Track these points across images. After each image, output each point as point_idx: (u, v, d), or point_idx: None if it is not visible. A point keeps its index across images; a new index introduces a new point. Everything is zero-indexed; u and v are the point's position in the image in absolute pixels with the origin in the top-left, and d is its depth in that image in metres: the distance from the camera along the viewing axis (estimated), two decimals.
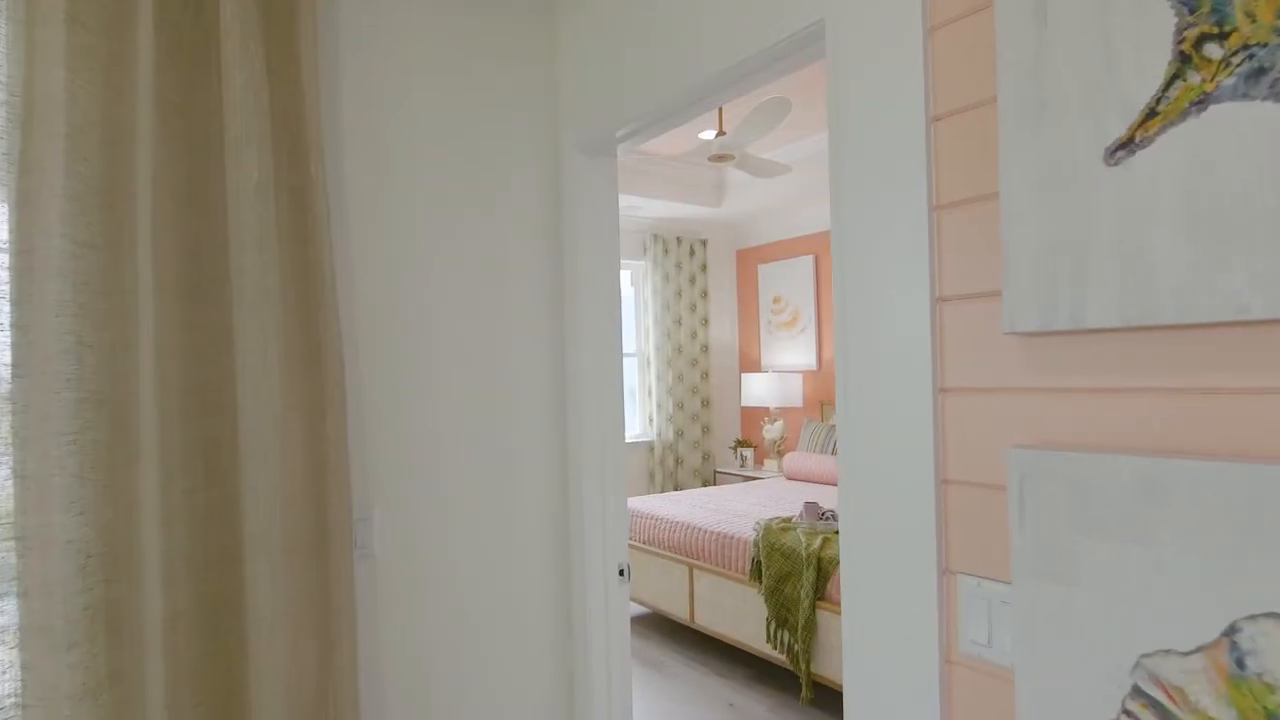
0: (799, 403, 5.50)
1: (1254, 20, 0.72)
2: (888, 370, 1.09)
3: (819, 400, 5.57)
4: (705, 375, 6.05)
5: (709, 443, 6.06)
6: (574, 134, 1.87)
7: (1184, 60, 0.77)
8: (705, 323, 6.07)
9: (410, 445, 1.70)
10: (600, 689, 1.88)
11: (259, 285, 1.42)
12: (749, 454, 5.81)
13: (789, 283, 5.78)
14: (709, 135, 4.72)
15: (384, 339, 1.67)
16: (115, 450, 1.29)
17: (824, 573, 2.98)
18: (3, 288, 1.22)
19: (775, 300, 5.91)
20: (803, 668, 2.95)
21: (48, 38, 1.23)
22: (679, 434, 5.87)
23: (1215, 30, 0.75)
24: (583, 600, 1.89)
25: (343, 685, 1.51)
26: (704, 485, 6.04)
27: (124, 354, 1.31)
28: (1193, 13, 0.76)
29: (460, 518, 1.77)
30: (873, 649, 1.13)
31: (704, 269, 6.07)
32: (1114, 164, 0.82)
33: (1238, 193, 0.73)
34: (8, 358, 1.22)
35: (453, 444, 1.76)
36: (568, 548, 1.95)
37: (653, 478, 5.79)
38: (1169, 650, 0.77)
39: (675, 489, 5.88)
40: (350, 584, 1.53)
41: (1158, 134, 0.79)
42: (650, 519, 4.00)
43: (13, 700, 1.22)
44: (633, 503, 4.35)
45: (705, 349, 6.06)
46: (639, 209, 5.45)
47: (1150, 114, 0.79)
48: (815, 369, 5.59)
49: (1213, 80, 0.75)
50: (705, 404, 6.04)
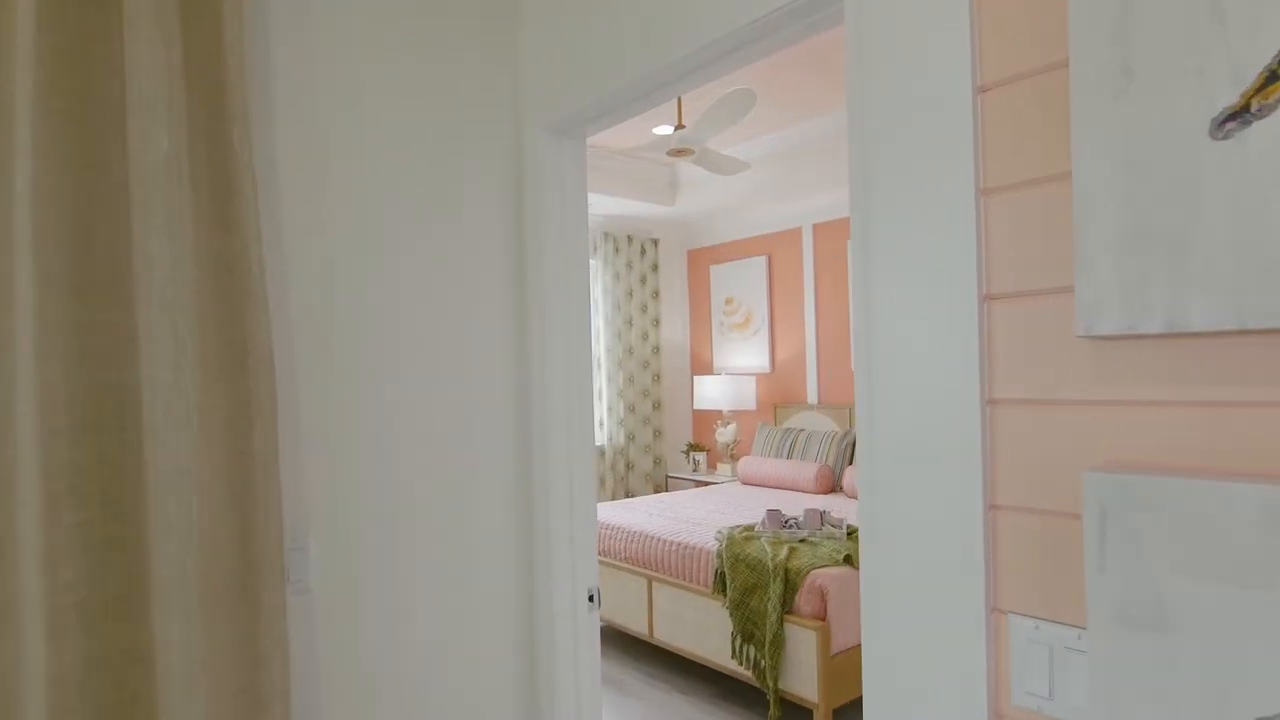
0: (752, 405, 5.42)
1: None
2: (923, 378, 0.95)
3: (772, 403, 5.49)
4: (657, 377, 5.91)
5: (660, 447, 5.92)
6: (540, 112, 1.68)
7: None
8: (656, 324, 5.92)
9: (353, 463, 1.49)
10: None
11: (170, 278, 1.19)
12: (701, 458, 5.69)
13: (742, 284, 5.69)
14: (665, 130, 4.58)
15: (322, 341, 1.45)
16: None
17: (791, 584, 2.86)
18: None
19: (728, 301, 5.82)
20: (770, 685, 2.82)
21: None
22: (630, 438, 5.71)
23: None
24: (549, 632, 1.70)
25: None
26: (656, 491, 5.89)
27: None
28: None
29: (411, 543, 1.56)
30: (902, 698, 0.99)
31: (655, 269, 5.93)
32: (1222, 137, 0.69)
33: None
34: None
35: (402, 460, 1.55)
36: (532, 573, 1.76)
37: (603, 483, 5.61)
38: None
39: (626, 495, 5.71)
40: (282, 627, 1.31)
41: None
42: (605, 528, 3.83)
43: None
44: None
45: (657, 350, 5.92)
46: (589, 205, 5.26)
47: (1272, 77, 0.67)
48: (768, 371, 5.52)
49: None
50: (657, 407, 5.90)
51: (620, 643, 3.91)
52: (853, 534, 3.21)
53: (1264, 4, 0.67)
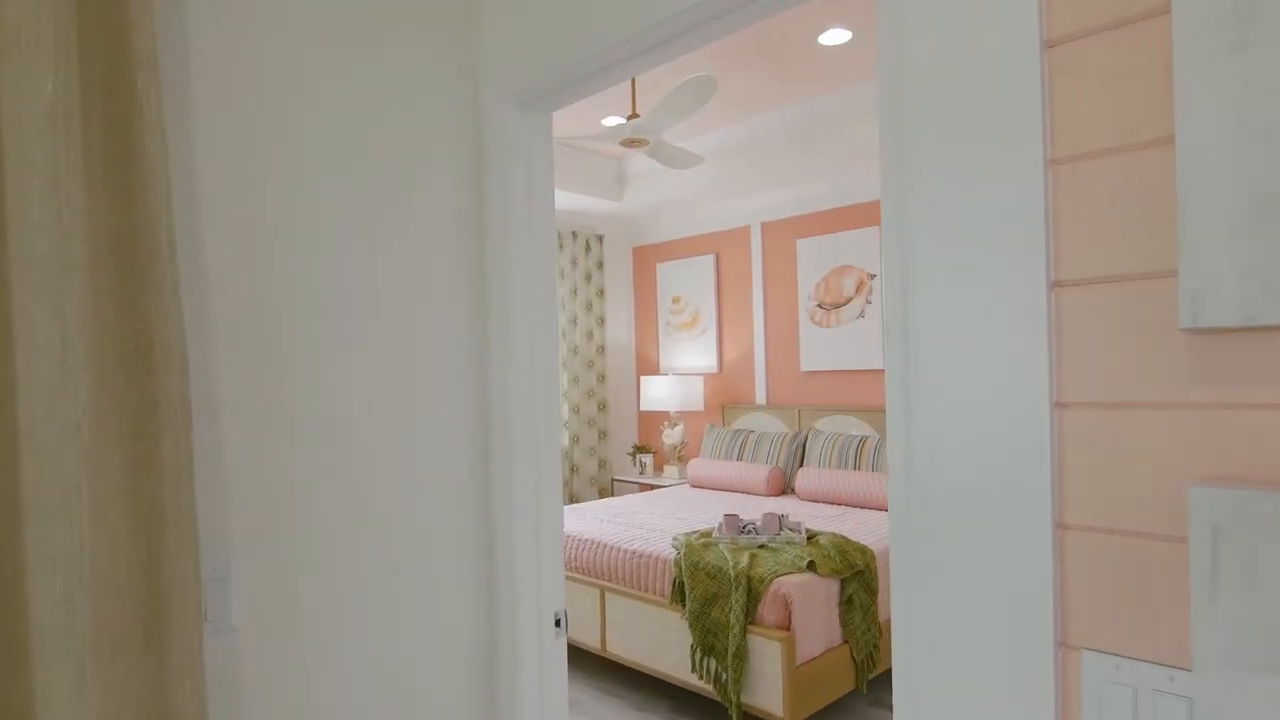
0: (700, 406, 5.31)
1: None
2: (975, 379, 0.83)
3: (720, 404, 5.41)
4: (602, 377, 5.74)
5: (606, 449, 5.76)
6: (503, 81, 1.50)
7: None
8: (602, 322, 5.76)
9: (286, 476, 1.28)
10: None
11: (54, 254, 0.96)
12: (648, 460, 5.56)
13: (689, 282, 5.59)
14: (614, 121, 4.42)
15: (247, 335, 1.23)
16: None
17: (754, 594, 2.74)
18: None
19: (675, 300, 5.70)
20: (733, 699, 2.70)
21: None
22: (574, 440, 5.53)
23: None
24: (511, 663, 1.52)
25: None
26: (601, 495, 5.72)
27: None
28: None
29: (355, 568, 1.36)
30: None
31: (600, 266, 5.76)
32: None
33: None
34: None
35: (344, 471, 1.34)
36: (492, 596, 1.57)
37: None
38: None
39: (571, 500, 5.53)
40: (198, 674, 1.09)
41: None
42: None
43: None
44: None
45: (602, 350, 5.75)
46: None
47: None
48: (716, 371, 5.43)
49: None
50: (602, 408, 5.73)
51: (571, 657, 3.73)
52: (812, 538, 3.13)
53: None
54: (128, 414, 1.04)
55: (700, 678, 2.83)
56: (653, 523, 3.69)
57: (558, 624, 1.57)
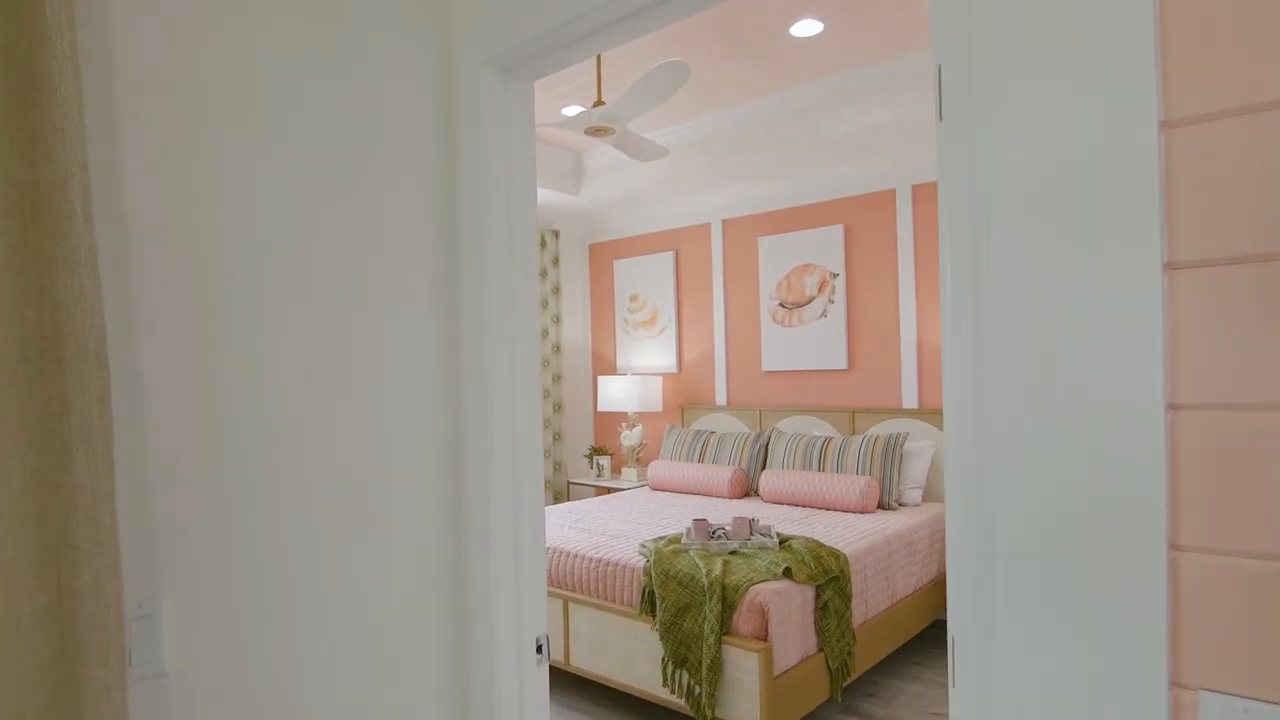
0: (659, 407, 5.19)
1: None
2: (1064, 373, 0.71)
3: (679, 404, 5.30)
4: (557, 377, 5.56)
5: (561, 451, 5.58)
6: (479, 42, 1.34)
7: None
8: (557, 320, 5.58)
9: (224, 491, 1.09)
10: None
11: None
12: (606, 462, 5.40)
13: (647, 280, 5.46)
14: (573, 110, 4.26)
15: (181, 327, 1.04)
16: None
17: (729, 603, 2.63)
18: None
19: (632, 299, 5.57)
20: (707, 714, 2.58)
21: None
22: None
23: None
24: (488, 695, 1.35)
25: None
26: (557, 499, 5.54)
27: None
28: None
29: (309, 596, 1.17)
30: None
31: (556, 262, 5.58)
32: None
33: None
34: None
35: (294, 483, 1.16)
36: (466, 623, 1.41)
37: None
38: None
39: None
40: None
41: None
42: None
43: None
44: None
45: (557, 349, 5.58)
46: None
47: None
48: (675, 371, 5.32)
49: None
50: (557, 409, 5.55)
51: None
52: (785, 543, 3.03)
53: None
54: (30, 422, 0.85)
55: (672, 692, 2.70)
56: (616, 528, 3.55)
57: (539, 650, 1.42)
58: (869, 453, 3.94)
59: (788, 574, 2.74)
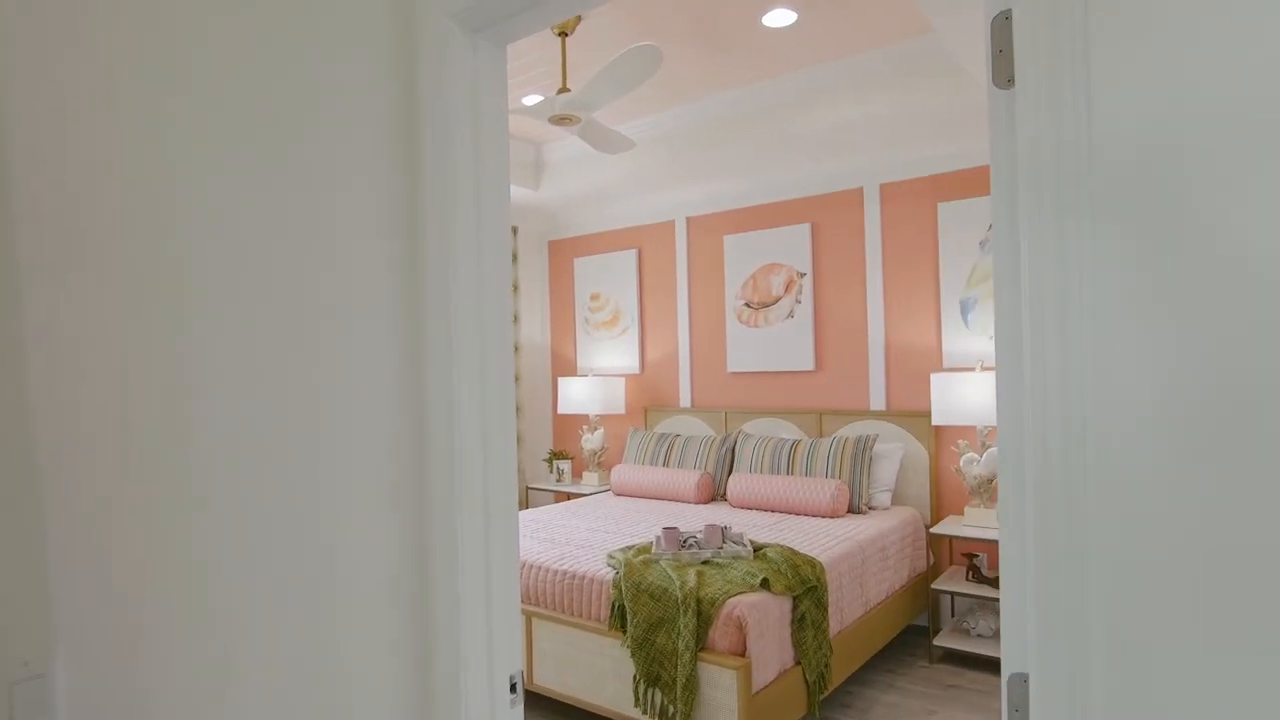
0: (621, 409, 5.04)
1: None
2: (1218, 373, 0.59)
3: (642, 406, 5.16)
4: (516, 379, 5.36)
5: (520, 455, 5.39)
6: None
7: None
8: (516, 320, 5.39)
9: (137, 528, 0.90)
10: None
11: None
12: (566, 466, 5.23)
13: (609, 278, 5.31)
14: (533, 100, 4.08)
15: (81, 325, 0.85)
16: None
17: (704, 617, 2.49)
18: None
19: (594, 297, 5.41)
20: None
21: None
22: None
23: None
24: None
25: None
26: (517, 505, 5.34)
27: None
28: None
29: (237, 649, 0.99)
30: None
31: (514, 259, 5.39)
32: None
33: None
34: None
35: (219, 510, 0.98)
36: (429, 662, 1.23)
37: None
38: None
39: None
40: None
41: None
42: None
43: None
44: None
45: (516, 349, 5.38)
46: None
47: None
48: (638, 372, 5.17)
49: None
50: (517, 411, 5.35)
51: None
52: (759, 551, 2.92)
53: None
54: None
55: (644, 712, 2.55)
56: (581, 537, 3.38)
57: (513, 689, 1.25)
58: (838, 455, 3.86)
59: (765, 585, 2.61)
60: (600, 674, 2.71)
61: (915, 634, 3.87)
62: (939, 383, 3.57)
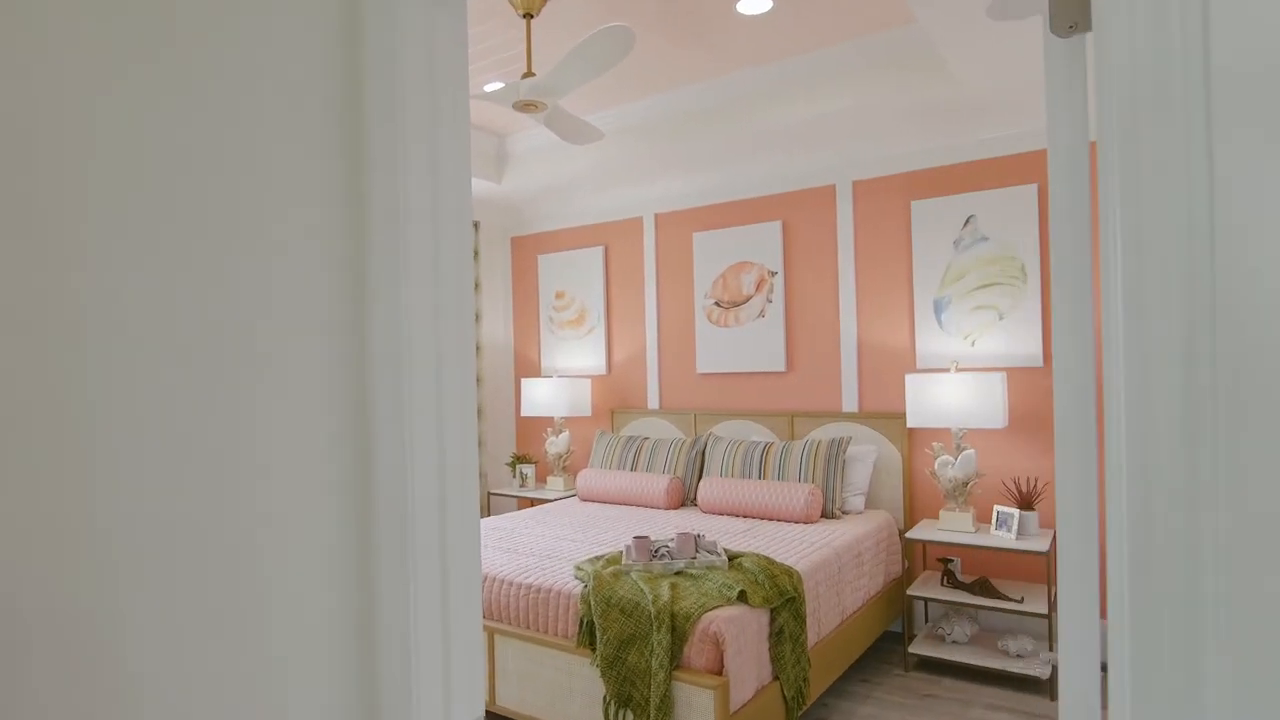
0: (587, 411, 4.88)
1: None
2: None
3: (609, 408, 5.00)
4: (478, 380, 5.16)
5: (481, 459, 5.19)
6: None
7: None
8: (477, 319, 5.18)
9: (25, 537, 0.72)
10: None
11: None
12: (530, 471, 5.05)
13: (574, 276, 5.14)
14: (495, 87, 3.89)
15: None
16: None
17: (679, 633, 2.35)
18: None
19: (558, 296, 5.23)
20: None
21: None
22: None
23: None
24: None
25: None
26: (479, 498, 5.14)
27: None
28: None
29: (140, 669, 0.81)
30: None
31: (475, 256, 5.18)
32: None
33: None
34: None
35: (118, 523, 0.80)
36: (375, 702, 1.06)
37: None
38: None
39: None
40: None
41: None
42: None
43: None
44: None
45: (478, 350, 5.18)
46: None
47: None
48: (605, 373, 5.02)
49: None
50: (478, 413, 5.15)
51: None
52: (734, 560, 2.79)
53: None
54: None
55: None
56: (547, 547, 3.22)
57: None
58: (811, 458, 3.76)
59: (743, 598, 2.49)
60: (567, 694, 2.55)
61: (890, 640, 3.79)
62: (914, 384, 3.49)
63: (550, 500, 4.64)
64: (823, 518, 3.67)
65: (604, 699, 2.42)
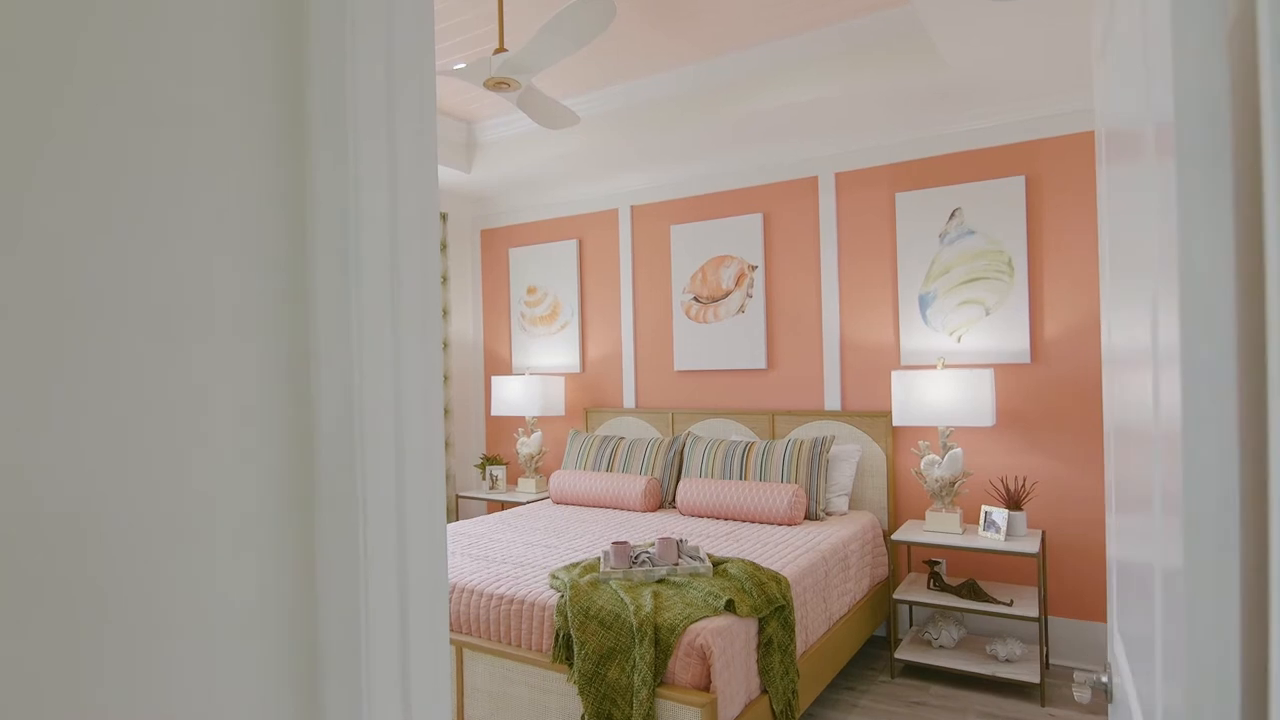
0: (560, 410, 4.70)
1: None
2: None
3: (583, 407, 4.83)
4: (445, 378, 4.95)
5: (450, 461, 4.98)
6: None
7: None
8: (445, 314, 4.98)
9: None
10: None
11: None
12: (500, 473, 4.85)
13: (547, 270, 4.96)
14: (461, 66, 3.70)
15: None
16: None
17: (664, 646, 2.20)
18: None
19: (530, 291, 5.05)
20: None
21: None
22: None
23: None
24: None
25: None
26: (446, 515, 4.93)
27: None
28: None
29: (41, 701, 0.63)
30: None
31: (443, 249, 4.98)
32: None
33: None
34: None
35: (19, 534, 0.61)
36: None
37: None
38: None
39: None
40: None
41: None
42: None
43: None
44: None
45: (445, 346, 4.97)
46: None
47: None
48: (579, 371, 4.84)
49: None
50: (445, 413, 4.94)
51: None
52: (719, 567, 2.64)
53: None
54: None
55: None
56: (518, 554, 3.04)
57: None
58: (793, 458, 3.63)
59: (730, 608, 2.34)
60: (542, 714, 2.38)
61: (874, 645, 3.67)
62: (900, 381, 3.38)
63: (522, 503, 4.46)
64: (806, 519, 3.55)
65: (582, 718, 2.26)
